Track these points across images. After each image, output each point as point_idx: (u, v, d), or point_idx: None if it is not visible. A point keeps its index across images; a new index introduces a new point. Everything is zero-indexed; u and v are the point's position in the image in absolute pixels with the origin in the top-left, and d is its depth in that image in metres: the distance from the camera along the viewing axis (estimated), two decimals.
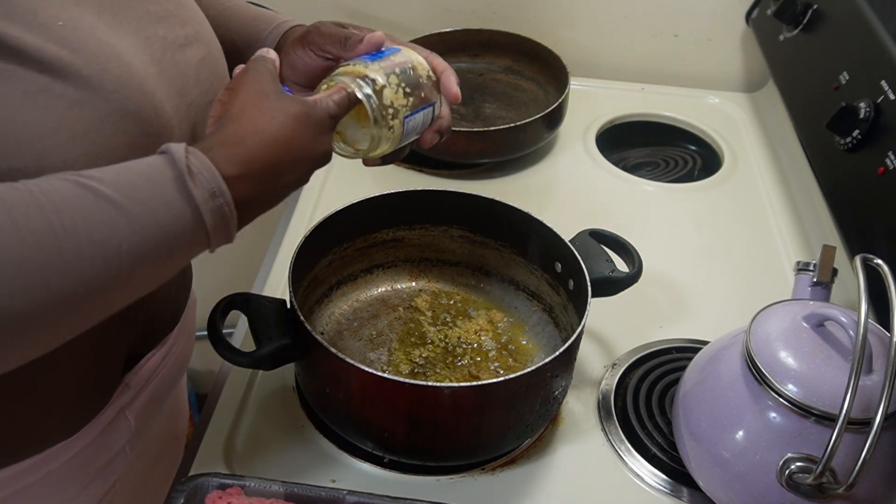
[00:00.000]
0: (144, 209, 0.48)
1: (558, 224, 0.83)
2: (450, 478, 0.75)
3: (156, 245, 0.49)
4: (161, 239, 0.49)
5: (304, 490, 0.64)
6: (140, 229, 0.48)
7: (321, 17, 1.37)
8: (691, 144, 1.29)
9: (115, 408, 0.69)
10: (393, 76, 0.64)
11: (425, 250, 0.93)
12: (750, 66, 1.37)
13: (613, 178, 1.17)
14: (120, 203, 0.47)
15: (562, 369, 0.74)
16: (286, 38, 0.72)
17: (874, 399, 0.60)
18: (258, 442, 0.77)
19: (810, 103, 1.03)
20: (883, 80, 0.88)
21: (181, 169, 0.49)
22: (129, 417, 0.72)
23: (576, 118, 1.24)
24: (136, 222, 0.47)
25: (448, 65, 0.70)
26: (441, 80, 0.69)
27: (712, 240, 1.07)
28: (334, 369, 0.70)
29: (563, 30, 1.36)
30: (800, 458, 0.63)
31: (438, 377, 0.82)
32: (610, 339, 0.90)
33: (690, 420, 0.71)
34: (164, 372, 0.77)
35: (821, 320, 0.66)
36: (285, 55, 0.70)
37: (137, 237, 0.47)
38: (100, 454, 0.70)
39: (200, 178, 0.50)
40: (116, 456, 0.72)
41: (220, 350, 0.70)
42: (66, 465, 0.66)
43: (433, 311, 0.90)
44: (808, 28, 1.10)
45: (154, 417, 0.78)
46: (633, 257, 0.82)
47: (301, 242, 0.78)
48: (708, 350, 0.76)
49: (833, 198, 0.92)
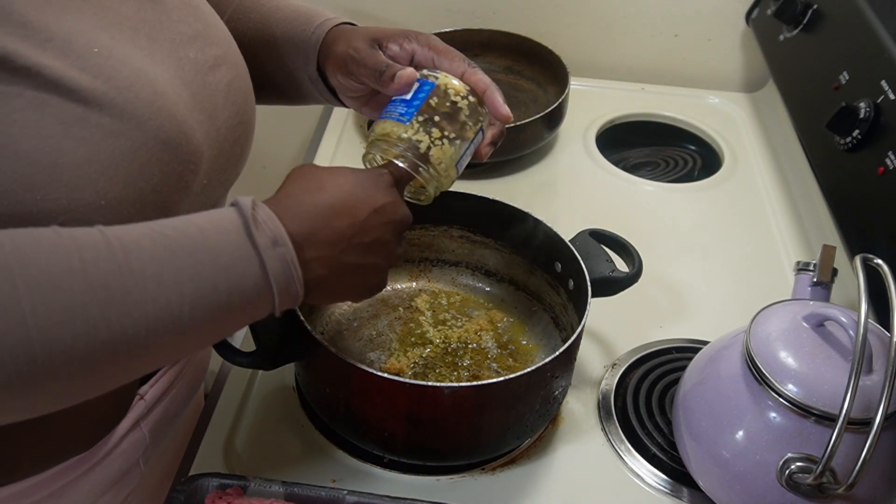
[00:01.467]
0: (210, 253, 0.48)
1: (558, 224, 0.83)
2: (450, 478, 0.75)
3: (216, 288, 0.48)
4: (223, 284, 0.48)
5: (304, 490, 0.64)
6: (203, 270, 0.47)
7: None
8: (691, 144, 1.29)
9: (129, 420, 0.69)
10: (435, 129, 0.62)
11: (425, 250, 0.93)
12: (750, 66, 1.37)
13: (613, 178, 1.17)
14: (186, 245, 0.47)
15: (562, 369, 0.74)
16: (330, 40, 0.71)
17: (874, 399, 0.60)
18: (258, 442, 0.77)
19: (810, 103, 1.03)
20: (883, 80, 0.88)
21: (247, 217, 0.50)
22: (143, 430, 0.72)
23: (576, 118, 1.24)
24: (201, 265, 0.47)
25: (490, 81, 0.67)
26: (487, 101, 0.66)
27: (712, 240, 1.07)
28: (334, 369, 0.70)
29: (563, 30, 1.36)
30: (800, 458, 0.63)
31: (438, 377, 0.82)
32: (610, 339, 0.90)
33: (690, 420, 0.71)
34: (180, 385, 0.77)
35: (821, 320, 0.66)
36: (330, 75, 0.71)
37: (200, 279, 0.47)
38: (114, 467, 0.69)
39: (264, 226, 0.50)
40: (131, 469, 0.72)
41: (220, 350, 0.70)
42: (81, 478, 0.66)
43: (433, 311, 0.90)
44: (808, 28, 1.10)
45: (168, 432, 0.78)
46: (633, 257, 0.82)
47: None
48: (708, 350, 0.76)
49: (833, 198, 0.92)
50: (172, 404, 0.76)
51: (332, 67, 0.70)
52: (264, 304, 0.51)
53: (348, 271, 0.56)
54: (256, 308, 0.51)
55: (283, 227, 0.51)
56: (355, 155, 1.17)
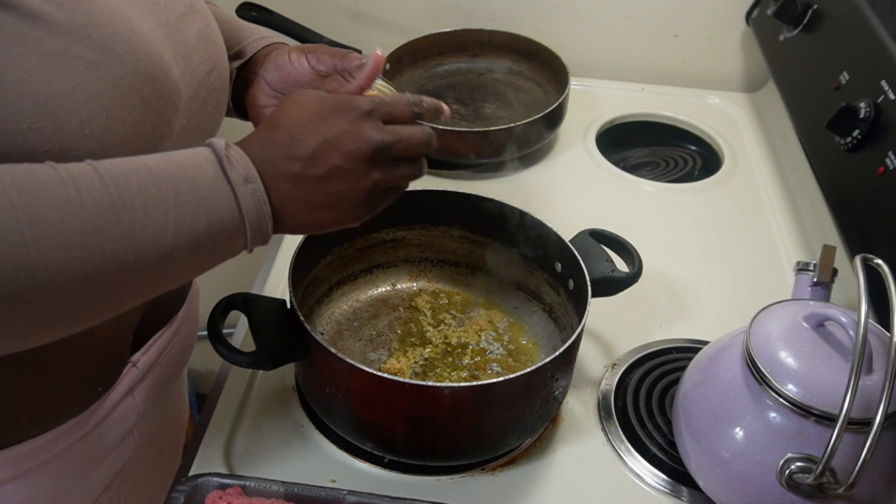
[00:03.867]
0: (190, 186, 0.52)
1: (558, 224, 0.83)
2: (450, 478, 0.75)
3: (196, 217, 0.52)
4: (202, 214, 0.52)
5: (304, 490, 0.64)
6: (185, 202, 0.51)
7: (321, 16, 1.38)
8: (691, 144, 1.29)
9: (122, 387, 0.71)
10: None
11: (425, 250, 0.93)
12: (750, 66, 1.37)
13: (613, 178, 1.17)
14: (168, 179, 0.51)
15: (562, 369, 0.74)
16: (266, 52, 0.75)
17: (874, 399, 0.60)
18: (258, 442, 0.77)
19: (810, 103, 1.03)
20: (883, 80, 0.87)
21: (220, 155, 0.54)
22: (136, 399, 0.73)
23: (576, 118, 1.24)
24: (182, 196, 0.51)
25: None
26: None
27: (712, 240, 1.07)
28: (334, 369, 0.70)
29: (563, 30, 1.36)
30: (800, 458, 0.63)
31: (438, 377, 0.82)
32: (610, 339, 0.90)
33: (690, 420, 0.71)
34: (171, 355, 0.78)
35: (821, 320, 0.66)
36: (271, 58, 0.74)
37: (182, 210, 0.51)
38: (109, 435, 0.71)
39: (236, 164, 0.54)
40: (124, 439, 0.74)
41: (220, 350, 0.70)
42: (77, 444, 0.67)
43: (433, 311, 0.90)
44: (808, 28, 1.10)
45: (159, 402, 0.79)
46: (633, 257, 0.82)
47: (301, 242, 0.78)
48: (708, 350, 0.76)
49: (833, 198, 0.92)
50: (163, 374, 0.78)
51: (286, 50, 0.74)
52: (238, 239, 0.55)
53: (311, 205, 0.58)
54: (231, 242, 0.55)
55: (253, 165, 0.55)
56: None
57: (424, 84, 1.30)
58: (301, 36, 1.23)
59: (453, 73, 1.32)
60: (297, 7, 1.25)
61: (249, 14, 1.22)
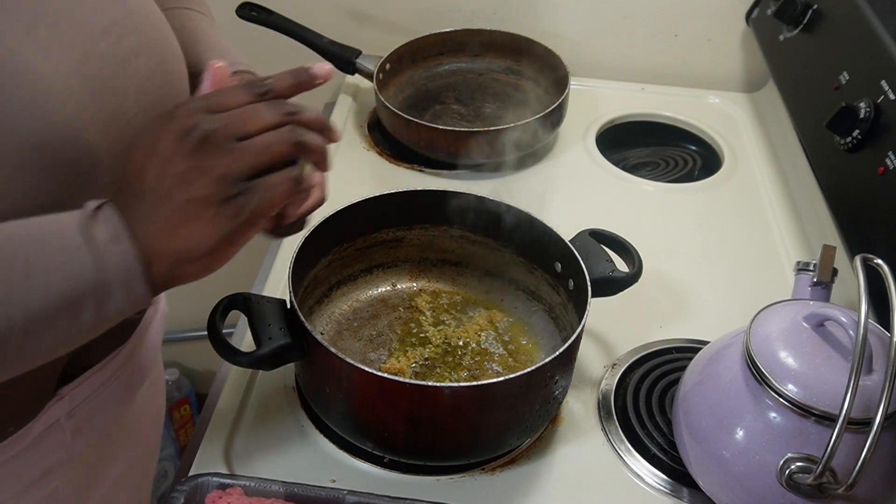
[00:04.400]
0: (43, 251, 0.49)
1: (558, 224, 0.83)
2: (450, 478, 0.75)
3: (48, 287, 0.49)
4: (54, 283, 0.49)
5: (304, 490, 0.64)
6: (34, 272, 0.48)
7: (321, 16, 1.39)
8: (691, 144, 1.29)
9: (47, 419, 0.67)
10: None
11: (425, 250, 0.93)
12: (750, 66, 1.37)
13: (613, 178, 1.17)
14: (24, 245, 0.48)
15: (562, 369, 0.74)
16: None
17: (874, 399, 0.60)
18: (258, 442, 0.77)
19: (810, 103, 1.03)
20: (883, 80, 0.88)
21: (87, 216, 0.50)
22: (65, 430, 0.69)
23: (576, 118, 1.24)
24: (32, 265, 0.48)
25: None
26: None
27: (712, 240, 1.07)
28: (334, 369, 0.70)
29: (564, 30, 1.36)
30: (800, 458, 0.63)
31: (438, 377, 0.82)
32: (610, 339, 0.90)
33: (690, 420, 0.71)
34: (113, 388, 0.74)
35: (821, 320, 0.66)
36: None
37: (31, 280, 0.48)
38: (33, 465, 0.67)
39: (104, 223, 0.51)
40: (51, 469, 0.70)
41: (220, 350, 0.70)
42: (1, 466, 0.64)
43: (433, 311, 0.90)
44: (808, 28, 1.10)
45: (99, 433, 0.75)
46: (633, 257, 0.82)
47: (301, 242, 0.78)
48: (708, 350, 0.76)
49: (833, 198, 0.92)
50: (104, 406, 0.73)
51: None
52: (108, 302, 0.52)
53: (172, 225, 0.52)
54: (101, 306, 0.51)
55: (123, 223, 0.51)
56: (355, 155, 1.17)
57: (424, 84, 1.30)
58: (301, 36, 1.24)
59: (453, 73, 1.32)
60: (297, 7, 1.25)
61: (249, 14, 1.22)
